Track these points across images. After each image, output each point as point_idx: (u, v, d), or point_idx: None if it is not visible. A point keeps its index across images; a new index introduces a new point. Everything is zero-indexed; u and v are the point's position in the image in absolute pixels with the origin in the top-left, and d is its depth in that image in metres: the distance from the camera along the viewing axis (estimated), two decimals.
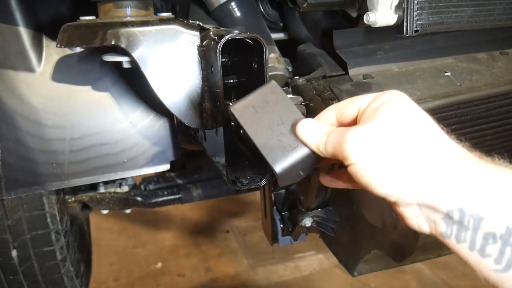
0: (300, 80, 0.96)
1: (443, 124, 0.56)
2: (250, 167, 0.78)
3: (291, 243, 1.23)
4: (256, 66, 0.74)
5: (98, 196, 1.48)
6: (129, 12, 0.85)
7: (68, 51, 0.98)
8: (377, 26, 0.82)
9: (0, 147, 0.93)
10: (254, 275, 2.07)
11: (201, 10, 1.19)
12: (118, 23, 0.78)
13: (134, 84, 1.00)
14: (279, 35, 1.26)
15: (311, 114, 0.89)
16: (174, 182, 1.62)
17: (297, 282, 2.02)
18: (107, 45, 0.77)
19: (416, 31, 0.82)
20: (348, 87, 0.91)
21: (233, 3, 1.12)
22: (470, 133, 0.93)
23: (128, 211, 1.62)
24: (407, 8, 0.81)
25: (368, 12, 0.82)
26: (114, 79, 1.00)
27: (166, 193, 1.56)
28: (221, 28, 1.01)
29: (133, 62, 0.80)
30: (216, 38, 0.71)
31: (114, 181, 1.51)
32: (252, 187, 0.76)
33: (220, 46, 0.69)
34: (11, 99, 0.94)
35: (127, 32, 0.77)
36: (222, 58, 0.70)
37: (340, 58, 0.95)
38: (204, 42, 0.78)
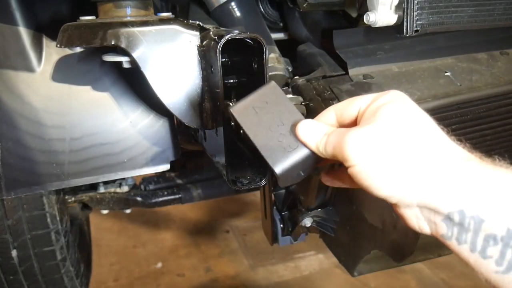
0: (300, 80, 0.96)
1: (443, 124, 0.56)
2: (250, 167, 0.78)
3: (291, 243, 1.23)
4: (256, 66, 0.74)
5: (98, 196, 1.48)
6: (129, 12, 0.85)
7: (68, 51, 0.98)
8: (377, 26, 0.82)
9: (0, 147, 0.93)
10: (254, 275, 2.07)
11: (201, 10, 1.19)
12: (118, 23, 0.78)
13: (134, 84, 1.00)
14: (279, 35, 1.26)
15: (311, 114, 0.89)
16: (174, 182, 1.62)
17: (297, 282, 2.02)
18: (107, 45, 0.77)
19: (416, 31, 0.82)
20: (348, 87, 0.91)
21: (233, 3, 1.12)
22: (470, 133, 0.93)
23: (128, 211, 1.62)
24: (407, 8, 0.81)
25: (368, 12, 0.82)
26: (114, 79, 0.99)
27: (166, 193, 1.56)
28: (221, 28, 1.01)
29: (133, 62, 0.80)
30: (216, 38, 0.71)
31: (114, 181, 1.51)
32: (252, 187, 0.76)
33: (220, 46, 0.69)
34: (11, 99, 0.94)
35: (127, 32, 0.77)
36: (222, 58, 0.70)
37: (340, 58, 0.95)
38: (204, 42, 0.78)
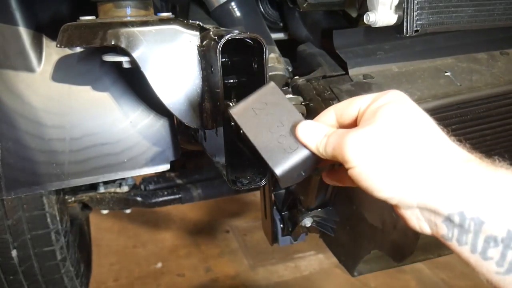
0: (300, 80, 0.96)
1: (443, 124, 0.56)
2: (250, 167, 0.78)
3: (291, 243, 1.23)
4: (256, 66, 0.74)
5: (98, 196, 1.48)
6: (129, 12, 0.85)
7: (68, 51, 0.98)
8: (377, 26, 0.82)
9: (0, 147, 0.93)
10: (254, 275, 2.07)
11: (201, 10, 1.19)
12: (118, 23, 0.78)
13: (134, 84, 1.00)
14: (279, 35, 1.26)
15: (311, 114, 0.89)
16: (174, 182, 1.62)
17: (297, 282, 2.02)
18: (107, 45, 0.77)
19: (416, 31, 0.82)
20: (348, 87, 0.91)
21: (233, 3, 1.12)
22: (470, 133, 0.93)
23: (128, 211, 1.62)
24: (407, 8, 0.81)
25: (368, 12, 0.82)
26: (114, 79, 0.99)
27: (166, 193, 1.56)
28: (221, 28, 1.01)
29: (133, 62, 0.80)
30: (216, 38, 0.71)
31: (114, 181, 1.51)
32: (252, 187, 0.76)
33: (220, 46, 0.68)
34: (11, 99, 0.94)
35: (127, 32, 0.77)
36: (222, 58, 0.70)
37: (340, 58, 0.95)
38: (204, 42, 0.78)
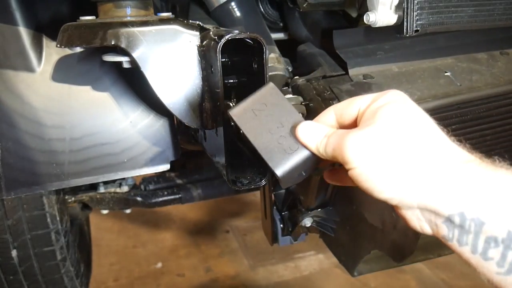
0: (300, 80, 0.96)
1: (443, 124, 0.56)
2: (250, 167, 0.78)
3: (291, 243, 1.23)
4: (256, 66, 0.74)
5: (98, 196, 1.48)
6: (129, 12, 0.85)
7: (68, 51, 0.98)
8: (377, 26, 0.82)
9: (0, 147, 0.93)
10: (254, 275, 2.07)
11: (201, 10, 1.19)
12: (118, 23, 0.78)
13: (134, 84, 1.00)
14: (279, 35, 1.26)
15: (311, 114, 0.89)
16: (174, 182, 1.62)
17: (297, 282, 2.02)
18: (107, 45, 0.77)
19: (416, 31, 0.82)
20: (348, 87, 0.91)
21: (233, 3, 1.12)
22: (470, 133, 0.93)
23: (128, 211, 1.62)
24: (407, 8, 0.81)
25: (368, 12, 0.82)
26: (114, 79, 0.99)
27: (166, 193, 1.56)
28: (221, 28, 1.01)
29: (133, 62, 0.80)
30: (216, 38, 0.71)
31: (114, 181, 1.51)
32: (252, 187, 0.76)
33: (220, 46, 0.68)
34: (11, 99, 0.94)
35: (127, 32, 0.77)
36: (222, 58, 0.70)
37: (340, 58, 0.95)
38: (204, 42, 0.78)
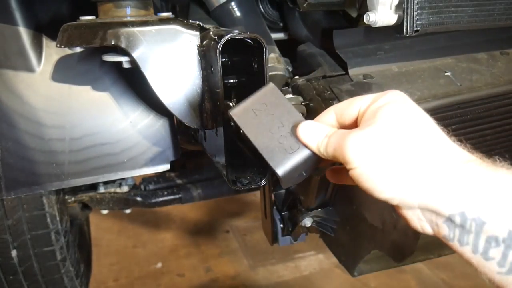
0: (300, 80, 0.96)
1: (443, 124, 0.56)
2: (250, 167, 0.78)
3: (291, 243, 1.23)
4: (256, 66, 0.74)
5: (98, 196, 1.48)
6: (129, 12, 0.85)
7: (68, 51, 0.98)
8: (377, 26, 0.82)
9: (0, 147, 0.93)
10: (254, 275, 2.07)
11: (201, 10, 1.19)
12: (118, 23, 0.78)
13: (134, 84, 1.00)
14: (279, 35, 1.26)
15: (311, 114, 0.89)
16: (174, 182, 1.62)
17: (297, 282, 2.02)
18: (107, 45, 0.77)
19: (416, 31, 0.82)
20: (348, 87, 0.91)
21: (233, 3, 1.12)
22: (470, 133, 0.93)
23: (128, 211, 1.62)
24: (407, 8, 0.81)
25: (368, 12, 0.82)
26: (114, 79, 0.99)
27: (166, 193, 1.56)
28: (221, 28, 1.01)
29: (133, 62, 0.80)
30: (216, 38, 0.71)
31: (114, 181, 1.51)
32: (252, 187, 0.76)
33: (220, 46, 0.68)
34: (11, 99, 0.94)
35: (127, 32, 0.77)
36: (222, 58, 0.70)
37: (340, 58, 0.95)
38: (204, 42, 0.78)
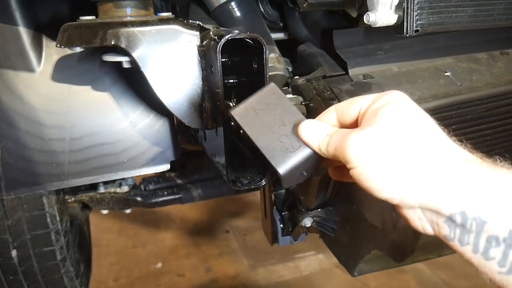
0: (300, 80, 0.96)
1: (443, 124, 0.56)
2: (250, 167, 0.78)
3: (291, 243, 1.23)
4: (256, 66, 0.74)
5: (98, 196, 1.48)
6: (129, 12, 0.85)
7: (68, 51, 0.98)
8: (377, 26, 0.82)
9: (0, 147, 0.93)
10: (254, 275, 2.07)
11: (201, 10, 1.19)
12: (118, 23, 0.78)
13: (134, 84, 1.00)
14: (279, 35, 1.26)
15: (311, 114, 0.89)
16: (174, 182, 1.62)
17: (297, 282, 2.02)
18: (107, 45, 0.77)
19: (416, 31, 0.82)
20: (348, 87, 0.91)
21: (233, 3, 1.12)
22: (470, 133, 0.93)
23: (128, 211, 1.62)
24: (407, 8, 0.81)
25: (368, 12, 0.82)
26: (114, 79, 0.99)
27: (166, 193, 1.56)
28: (221, 28, 1.01)
29: (133, 62, 0.80)
30: (216, 38, 0.71)
31: (114, 181, 1.51)
32: (252, 187, 0.76)
33: (220, 46, 0.68)
34: (11, 99, 0.94)
35: (127, 32, 0.77)
36: (222, 58, 0.70)
37: (340, 58, 0.95)
38: (204, 42, 0.78)
